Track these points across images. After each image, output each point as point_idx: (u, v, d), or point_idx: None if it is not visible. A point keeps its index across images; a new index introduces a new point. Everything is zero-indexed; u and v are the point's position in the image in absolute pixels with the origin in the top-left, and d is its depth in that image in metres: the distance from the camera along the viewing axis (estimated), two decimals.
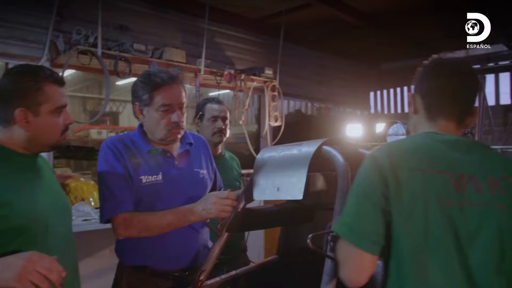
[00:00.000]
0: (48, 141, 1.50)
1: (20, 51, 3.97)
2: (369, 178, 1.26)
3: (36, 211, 1.42)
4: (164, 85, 1.83)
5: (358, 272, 1.24)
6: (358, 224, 1.23)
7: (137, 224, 1.74)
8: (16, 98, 1.42)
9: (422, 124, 1.39)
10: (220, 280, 1.79)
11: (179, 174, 1.90)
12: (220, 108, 2.67)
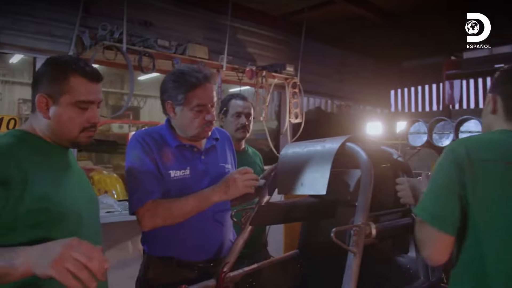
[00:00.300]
0: (66, 135, 1.46)
1: (47, 46, 4.06)
2: (448, 167, 1.39)
3: (71, 205, 1.42)
4: (199, 86, 1.86)
5: (440, 252, 1.41)
6: (439, 210, 1.38)
7: (162, 213, 1.78)
8: (43, 84, 1.42)
9: (499, 123, 1.48)
10: (243, 272, 1.83)
11: (206, 169, 1.94)
12: (244, 104, 2.71)
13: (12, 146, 1.36)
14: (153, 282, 1.90)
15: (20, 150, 1.36)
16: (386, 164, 1.91)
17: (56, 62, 1.46)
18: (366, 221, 1.45)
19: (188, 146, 1.94)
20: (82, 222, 1.46)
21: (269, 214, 1.88)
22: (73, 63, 1.46)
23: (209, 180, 1.92)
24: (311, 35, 5.89)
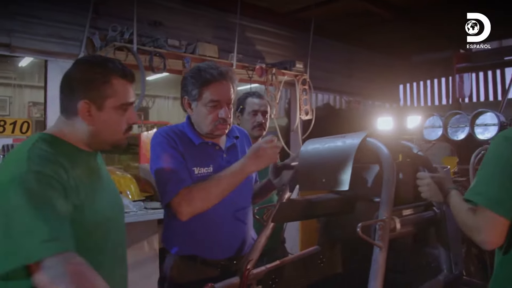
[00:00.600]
0: (110, 138, 1.43)
1: (58, 48, 4.09)
2: (501, 152, 1.47)
3: (102, 212, 1.39)
4: (214, 82, 1.86)
5: (498, 236, 1.43)
6: (497, 194, 1.42)
7: (198, 195, 1.75)
8: (82, 89, 1.35)
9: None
10: (266, 269, 1.83)
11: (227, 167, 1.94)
12: (261, 102, 2.71)
13: (55, 154, 1.31)
14: (177, 281, 1.90)
15: (61, 157, 1.31)
16: (405, 159, 1.91)
17: (93, 64, 1.40)
18: (390, 215, 1.45)
19: (210, 144, 1.95)
20: (111, 228, 1.43)
21: (291, 210, 1.88)
22: (111, 64, 1.40)
23: None
24: (319, 31, 5.88)
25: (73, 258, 1.10)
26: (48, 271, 1.06)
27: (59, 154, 1.31)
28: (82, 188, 1.31)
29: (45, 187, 1.19)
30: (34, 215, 1.12)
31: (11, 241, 1.10)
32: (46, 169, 1.23)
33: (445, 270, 1.71)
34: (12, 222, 1.12)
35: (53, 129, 1.42)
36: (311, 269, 2.07)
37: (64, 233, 1.15)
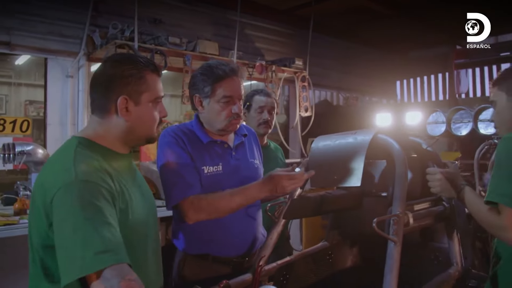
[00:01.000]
0: (146, 133, 1.45)
1: (58, 46, 4.08)
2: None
3: (142, 212, 1.41)
4: (226, 78, 1.87)
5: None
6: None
7: (207, 207, 1.77)
8: (119, 86, 1.37)
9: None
10: (277, 266, 1.85)
11: (237, 165, 1.95)
12: (267, 100, 2.73)
13: (98, 160, 1.32)
14: (190, 279, 1.90)
15: (104, 162, 1.33)
16: (415, 154, 1.93)
17: (126, 62, 1.42)
18: (404, 210, 1.47)
19: (219, 142, 1.95)
20: (149, 237, 1.45)
21: (301, 207, 1.90)
22: (143, 60, 1.43)
23: (240, 176, 1.93)
24: (318, 28, 5.89)
25: (129, 274, 1.13)
26: (104, 281, 1.10)
27: (101, 159, 1.32)
28: (126, 192, 1.33)
29: (95, 196, 1.20)
30: (87, 226, 1.14)
31: (67, 254, 1.14)
32: (94, 177, 1.24)
33: (455, 263, 1.73)
34: (66, 233, 1.15)
35: (87, 131, 1.42)
36: (320, 264, 2.09)
37: (117, 243, 1.17)
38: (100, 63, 1.47)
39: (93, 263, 1.10)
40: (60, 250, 1.15)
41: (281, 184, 1.71)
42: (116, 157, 1.41)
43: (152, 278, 1.46)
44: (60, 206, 1.18)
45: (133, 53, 1.61)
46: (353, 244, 2.24)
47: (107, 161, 1.34)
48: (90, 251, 1.11)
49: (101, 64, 1.44)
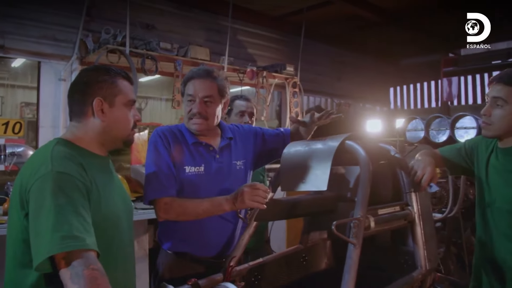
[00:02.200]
0: (121, 134, 1.56)
1: (51, 50, 4.16)
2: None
3: (116, 211, 1.51)
4: (193, 78, 1.99)
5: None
6: None
7: (177, 208, 1.87)
8: (94, 89, 1.48)
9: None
10: (248, 267, 1.90)
11: (219, 167, 2.03)
12: (247, 104, 2.82)
13: (74, 155, 1.41)
14: (168, 276, 1.99)
15: (80, 158, 1.42)
16: (384, 161, 1.99)
17: (100, 70, 1.55)
18: (365, 214, 1.53)
19: (204, 144, 2.03)
20: (122, 232, 1.54)
21: (273, 210, 1.95)
22: (114, 69, 1.56)
23: (221, 178, 2.02)
24: (310, 35, 5.97)
25: (94, 263, 1.22)
26: (70, 268, 1.19)
27: (78, 156, 1.42)
28: (100, 188, 1.43)
29: (69, 187, 1.30)
30: (58, 213, 1.24)
31: (38, 237, 1.24)
32: (69, 170, 1.34)
33: (419, 266, 1.79)
34: (38, 219, 1.25)
35: (66, 135, 1.52)
36: (293, 267, 2.14)
37: (85, 231, 1.26)
38: (77, 75, 1.59)
39: (59, 246, 1.19)
40: (32, 234, 1.25)
41: (241, 195, 1.78)
42: (92, 157, 1.50)
43: (121, 274, 1.53)
44: (35, 195, 1.29)
45: (106, 65, 1.74)
46: (327, 247, 2.30)
47: (83, 158, 1.43)
48: (58, 234, 1.20)
49: (77, 75, 1.57)
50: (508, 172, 1.81)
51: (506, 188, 1.80)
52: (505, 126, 1.76)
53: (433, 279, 1.84)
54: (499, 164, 1.85)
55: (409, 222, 1.80)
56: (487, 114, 1.80)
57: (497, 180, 1.84)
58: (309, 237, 2.23)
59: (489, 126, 1.80)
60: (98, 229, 1.34)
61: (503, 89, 1.74)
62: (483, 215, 1.88)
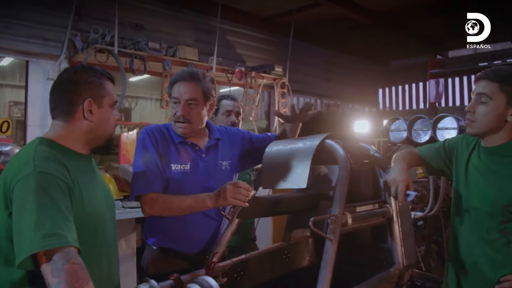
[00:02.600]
0: (106, 133, 1.59)
1: (40, 49, 4.17)
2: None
3: (98, 208, 1.53)
4: (179, 81, 2.02)
5: None
6: None
7: (162, 204, 1.91)
8: (85, 90, 1.50)
9: None
10: (231, 263, 1.94)
11: (205, 166, 2.07)
12: (234, 104, 2.85)
13: (56, 155, 1.43)
14: (153, 272, 2.02)
15: (62, 157, 1.44)
16: (365, 160, 2.03)
17: (88, 70, 1.56)
18: (342, 211, 1.57)
19: (190, 144, 2.07)
20: (104, 228, 1.57)
21: (256, 207, 2.00)
22: (98, 70, 1.58)
23: (207, 176, 2.05)
24: (299, 36, 6.02)
25: (74, 258, 1.25)
26: (51, 263, 1.23)
27: (60, 156, 1.44)
28: (82, 186, 1.45)
29: (51, 186, 1.33)
30: (40, 212, 1.26)
31: (20, 236, 1.26)
32: (51, 170, 1.36)
33: (397, 263, 1.84)
34: (21, 218, 1.28)
35: (48, 134, 1.53)
36: (276, 263, 2.18)
37: (66, 229, 1.29)
38: (60, 74, 1.60)
39: (40, 243, 1.22)
40: (15, 233, 1.28)
41: (224, 193, 1.83)
42: (75, 156, 1.52)
43: (105, 270, 1.56)
44: (18, 194, 1.31)
45: (89, 65, 1.76)
46: (309, 244, 2.34)
47: (65, 157, 1.46)
48: (39, 233, 1.23)
49: (62, 73, 1.58)
50: (490, 173, 1.76)
51: (486, 189, 1.75)
52: (488, 123, 1.72)
53: (411, 275, 1.88)
54: (481, 164, 1.80)
55: (387, 219, 1.85)
56: (471, 111, 1.76)
57: (477, 180, 1.80)
58: (291, 235, 2.28)
59: (473, 123, 1.76)
60: (81, 227, 1.38)
61: (488, 85, 1.71)
62: (460, 215, 1.85)
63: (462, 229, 1.83)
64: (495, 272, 1.69)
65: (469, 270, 1.78)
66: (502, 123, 1.71)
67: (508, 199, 1.68)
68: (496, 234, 1.70)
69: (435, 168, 1.99)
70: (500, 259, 1.69)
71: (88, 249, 1.37)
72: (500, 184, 1.71)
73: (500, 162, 1.74)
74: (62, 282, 1.20)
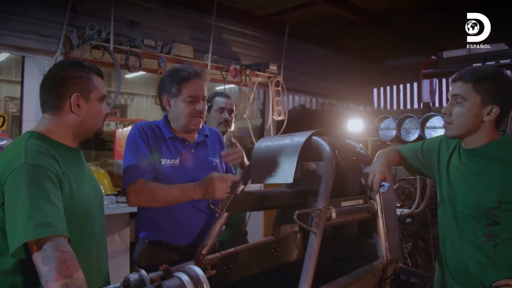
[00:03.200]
0: (94, 126, 1.65)
1: (36, 45, 4.20)
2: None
3: (87, 199, 1.59)
4: (191, 79, 2.09)
5: None
6: None
7: (146, 194, 1.97)
8: (73, 85, 1.56)
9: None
10: (220, 255, 1.98)
11: (195, 161, 2.15)
12: (227, 101, 2.91)
13: (47, 148, 1.49)
14: (144, 264, 2.07)
15: (52, 150, 1.50)
16: (352, 157, 2.08)
17: (76, 65, 1.61)
18: (327, 205, 1.62)
19: (180, 139, 2.15)
20: (93, 219, 1.62)
21: (244, 202, 2.04)
22: (86, 65, 1.64)
23: (196, 171, 2.11)
24: (294, 34, 6.07)
25: (64, 246, 1.31)
26: (42, 252, 1.28)
27: (50, 149, 1.50)
28: (72, 178, 1.52)
29: (42, 178, 1.39)
30: (32, 203, 1.33)
31: (13, 226, 1.32)
32: (42, 162, 1.43)
33: (381, 257, 1.88)
34: (14, 209, 1.34)
35: (38, 127, 1.60)
36: (265, 257, 2.22)
37: (57, 219, 1.35)
38: (50, 68, 1.65)
39: (32, 233, 1.28)
40: (8, 223, 1.34)
41: (212, 186, 1.88)
42: (64, 149, 1.58)
43: (94, 259, 1.63)
44: (10, 186, 1.37)
45: (78, 60, 1.82)
46: (298, 239, 2.39)
47: (55, 151, 1.52)
48: (31, 222, 1.29)
49: (51, 68, 1.63)
50: (471, 175, 1.76)
51: (468, 193, 1.76)
52: (465, 124, 1.73)
53: (394, 269, 1.93)
54: (462, 166, 1.80)
55: (372, 214, 1.90)
56: (447, 113, 1.77)
57: (459, 182, 1.80)
58: (280, 229, 2.32)
59: (450, 125, 1.77)
60: (71, 218, 1.43)
61: (462, 86, 1.72)
62: (446, 218, 1.86)
63: (450, 232, 1.85)
64: (485, 275, 1.70)
65: (459, 273, 1.80)
66: (479, 123, 1.73)
67: (490, 202, 1.68)
68: (483, 238, 1.71)
69: (413, 168, 2.04)
70: (488, 262, 1.70)
71: (77, 239, 1.43)
72: (481, 188, 1.72)
73: (481, 164, 1.75)
74: (53, 269, 1.25)
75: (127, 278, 1.39)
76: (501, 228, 1.67)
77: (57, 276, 1.24)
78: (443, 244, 1.90)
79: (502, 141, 1.76)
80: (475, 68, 1.77)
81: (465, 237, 1.77)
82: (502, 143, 1.75)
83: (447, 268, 1.86)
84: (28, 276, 1.38)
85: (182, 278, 1.34)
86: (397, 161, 2.03)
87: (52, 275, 1.24)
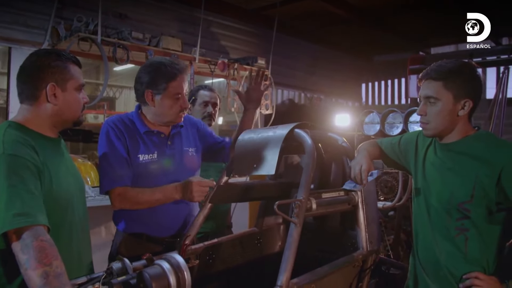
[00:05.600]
0: (72, 116, 1.65)
1: (23, 36, 4.18)
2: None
3: (67, 189, 1.60)
4: (178, 76, 2.08)
5: None
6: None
7: (130, 199, 1.99)
8: (48, 74, 1.56)
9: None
10: (203, 246, 2.01)
11: (172, 154, 2.14)
12: (211, 94, 2.91)
13: (25, 138, 1.49)
14: (125, 255, 2.06)
15: (31, 141, 1.50)
16: (333, 149, 2.12)
17: (52, 55, 1.60)
18: (307, 196, 1.65)
19: (155, 132, 2.13)
20: (73, 209, 1.63)
21: (227, 193, 2.08)
22: (63, 54, 1.63)
23: (174, 164, 2.12)
24: (283, 29, 6.08)
25: (42, 235, 1.33)
26: (21, 241, 1.30)
27: (29, 139, 1.50)
28: (51, 168, 1.52)
29: (21, 168, 1.40)
30: (10, 193, 1.34)
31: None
32: (21, 152, 1.43)
33: (361, 248, 1.93)
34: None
35: (17, 118, 1.60)
36: (248, 248, 2.26)
37: (36, 208, 1.37)
38: (26, 58, 1.63)
39: (11, 222, 1.30)
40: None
41: (190, 190, 1.92)
42: (43, 139, 1.58)
43: (75, 247, 1.65)
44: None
45: (55, 49, 1.82)
46: (281, 231, 2.43)
47: (34, 141, 1.52)
48: (10, 212, 1.31)
49: (27, 58, 1.62)
50: (446, 170, 1.78)
51: (443, 188, 1.78)
52: (442, 122, 1.74)
53: (374, 260, 1.98)
54: (437, 160, 1.82)
55: (353, 206, 1.94)
56: (423, 114, 1.78)
57: (434, 177, 1.82)
58: (264, 221, 2.36)
59: (427, 125, 1.78)
60: (51, 207, 1.45)
61: (432, 85, 1.73)
62: (420, 212, 1.88)
63: (422, 225, 1.87)
64: (455, 268, 1.74)
65: (430, 265, 1.83)
66: (455, 119, 1.74)
67: (462, 197, 1.71)
68: (454, 231, 1.74)
69: (390, 161, 2.08)
70: (459, 255, 1.73)
71: (57, 228, 1.45)
72: (455, 182, 1.74)
73: (455, 158, 1.77)
74: (31, 258, 1.27)
75: (110, 266, 1.41)
76: (471, 222, 1.71)
77: (36, 264, 1.26)
78: (415, 237, 1.93)
79: (476, 137, 1.78)
80: (440, 64, 1.76)
81: (437, 230, 1.80)
82: (476, 139, 1.77)
83: (418, 261, 1.89)
84: (8, 265, 1.39)
85: (163, 266, 1.37)
86: (377, 154, 2.06)
87: (31, 263, 1.26)
